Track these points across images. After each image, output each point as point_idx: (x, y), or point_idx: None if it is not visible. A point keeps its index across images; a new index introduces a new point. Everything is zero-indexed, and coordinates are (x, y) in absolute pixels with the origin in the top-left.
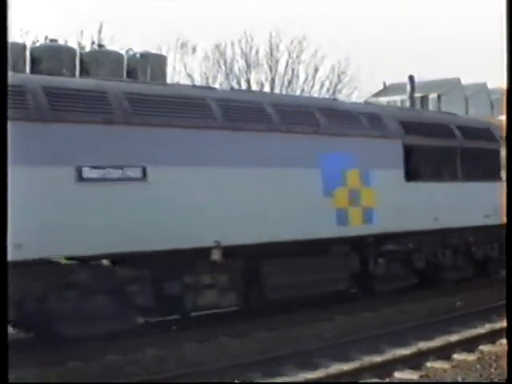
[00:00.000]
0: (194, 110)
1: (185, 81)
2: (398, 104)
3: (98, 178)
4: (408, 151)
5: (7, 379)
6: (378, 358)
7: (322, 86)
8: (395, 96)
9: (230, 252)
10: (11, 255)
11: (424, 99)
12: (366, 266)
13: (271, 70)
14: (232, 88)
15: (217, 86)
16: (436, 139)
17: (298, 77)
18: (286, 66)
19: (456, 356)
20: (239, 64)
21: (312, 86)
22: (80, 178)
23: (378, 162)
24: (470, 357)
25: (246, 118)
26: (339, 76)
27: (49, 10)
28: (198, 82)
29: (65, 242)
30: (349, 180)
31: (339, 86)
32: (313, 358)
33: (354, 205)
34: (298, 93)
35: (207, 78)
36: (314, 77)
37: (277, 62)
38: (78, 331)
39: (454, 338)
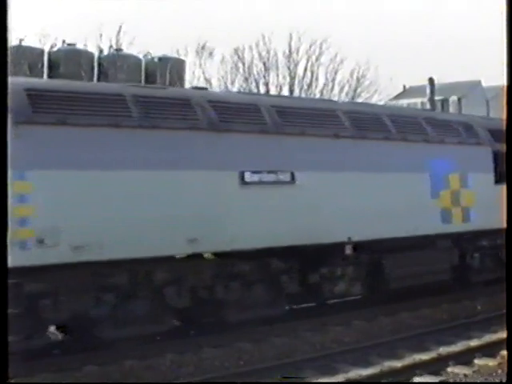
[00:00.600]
0: (328, 121)
1: (203, 85)
2: (418, 107)
3: (257, 181)
4: (496, 157)
5: (7, 379)
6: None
7: (341, 89)
8: (415, 99)
9: (358, 247)
10: (185, 249)
11: (444, 102)
12: (464, 259)
13: (290, 73)
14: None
15: (235, 89)
16: None
17: (317, 80)
18: (305, 69)
19: (477, 361)
20: (257, 67)
21: (331, 90)
22: (242, 181)
23: (472, 167)
24: (491, 362)
25: (368, 127)
26: (359, 80)
27: (68, 12)
28: (216, 86)
29: (229, 238)
30: (451, 183)
31: (358, 90)
32: (333, 363)
33: (455, 205)
34: (317, 96)
35: (225, 83)
36: (333, 80)
37: (296, 64)
38: (240, 316)
39: (474, 342)
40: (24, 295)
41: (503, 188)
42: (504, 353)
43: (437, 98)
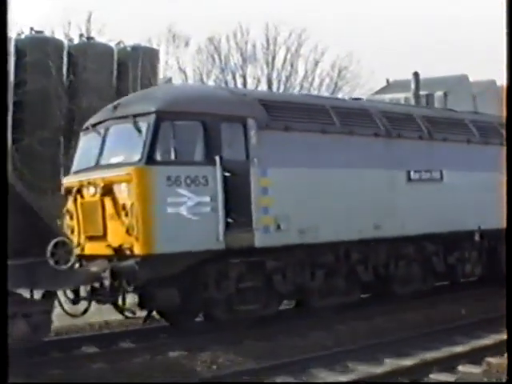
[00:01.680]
0: (462, 130)
1: (177, 76)
2: (402, 102)
3: (419, 178)
4: None
5: (7, 379)
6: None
7: (321, 82)
8: (399, 93)
9: (483, 234)
10: (373, 233)
11: (429, 97)
12: None
13: (268, 65)
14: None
15: (211, 81)
16: None
17: (296, 72)
18: (284, 60)
19: (461, 368)
20: (234, 58)
21: (311, 83)
22: (409, 179)
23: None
24: (476, 369)
25: (487, 134)
26: (340, 72)
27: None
28: (191, 77)
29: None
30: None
31: (340, 83)
32: (307, 367)
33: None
34: (296, 89)
35: (201, 74)
36: (313, 72)
37: (274, 56)
38: (404, 289)
39: (458, 349)
40: (265, 271)
41: None
42: (489, 360)
43: (422, 92)
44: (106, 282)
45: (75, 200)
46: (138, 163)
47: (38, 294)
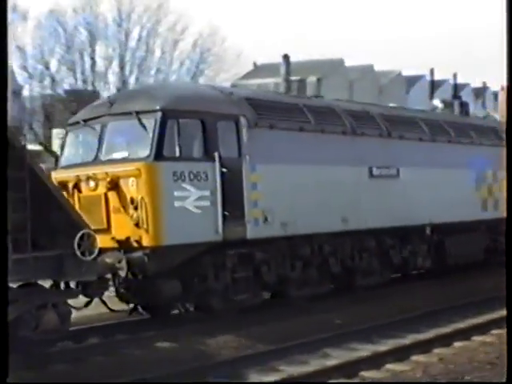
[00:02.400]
0: (417, 128)
1: (15, 55)
2: (271, 88)
3: (379, 175)
4: None
5: (7, 379)
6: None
7: (181, 64)
8: (268, 78)
9: (433, 229)
10: (339, 227)
11: (301, 83)
12: (494, 243)
13: (120, 45)
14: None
15: (55, 61)
16: None
17: (153, 53)
18: (139, 39)
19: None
20: (82, 36)
21: (170, 65)
22: (371, 175)
23: (499, 165)
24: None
25: (447, 133)
26: (202, 54)
27: None
28: (31, 55)
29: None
30: (487, 178)
31: (202, 66)
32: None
33: (489, 196)
34: (153, 72)
35: (42, 52)
36: (172, 54)
37: (127, 34)
38: (365, 281)
39: (331, 362)
40: (255, 262)
41: None
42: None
43: (293, 78)
44: (122, 273)
45: (72, 194)
46: (146, 159)
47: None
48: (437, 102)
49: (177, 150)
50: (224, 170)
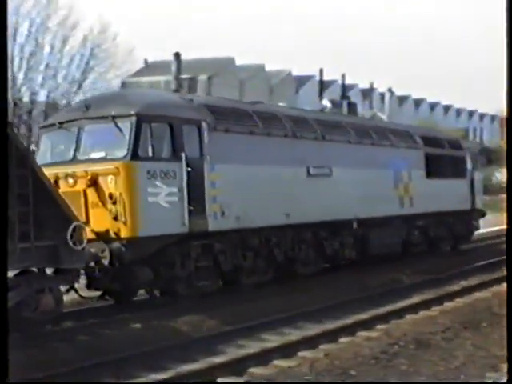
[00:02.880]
0: (344, 132)
1: None
2: (162, 86)
3: (315, 174)
4: (426, 157)
5: (7, 379)
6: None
7: (71, 60)
8: (158, 76)
9: (359, 223)
10: (285, 221)
11: (192, 81)
12: (408, 236)
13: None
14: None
15: None
16: (442, 149)
17: (42, 48)
18: (28, 34)
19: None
20: None
21: (60, 61)
22: (308, 174)
23: (413, 165)
24: (238, 379)
25: (367, 136)
26: (92, 50)
27: None
28: None
29: (297, 212)
30: (404, 177)
31: (92, 63)
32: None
33: (405, 194)
34: (42, 67)
35: None
36: (61, 50)
37: (16, 29)
38: (308, 269)
39: (219, 359)
40: (214, 252)
41: (433, 181)
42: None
43: (184, 76)
44: (106, 261)
45: None
46: (123, 158)
47: (49, 271)
48: (326, 102)
49: (149, 150)
50: (189, 169)
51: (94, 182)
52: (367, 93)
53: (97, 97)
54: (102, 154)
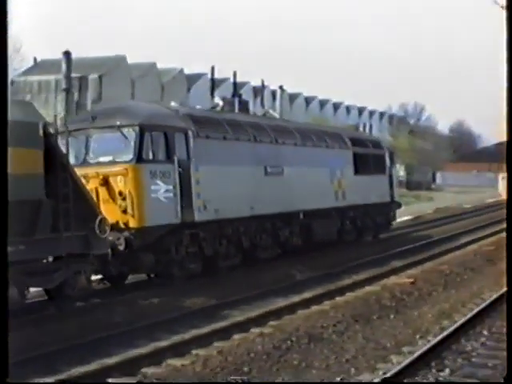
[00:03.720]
0: (293, 136)
1: None
2: (52, 85)
3: (271, 172)
4: (354, 156)
5: (7, 379)
6: None
7: None
8: (48, 75)
9: (304, 214)
10: (250, 212)
11: (83, 80)
12: (342, 226)
13: None
14: None
15: None
16: (367, 149)
17: None
18: None
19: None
20: None
21: None
22: (266, 172)
23: (343, 163)
24: (131, 380)
25: (311, 139)
26: None
27: None
28: None
29: (259, 206)
30: (338, 173)
31: None
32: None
33: (339, 188)
34: None
35: None
36: None
37: None
38: (266, 253)
39: (111, 360)
40: (198, 240)
41: (359, 177)
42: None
43: (74, 75)
44: (121, 247)
45: None
46: (131, 161)
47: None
48: (217, 100)
49: (150, 154)
50: (180, 169)
51: (105, 182)
52: (259, 90)
53: (101, 109)
54: (109, 158)
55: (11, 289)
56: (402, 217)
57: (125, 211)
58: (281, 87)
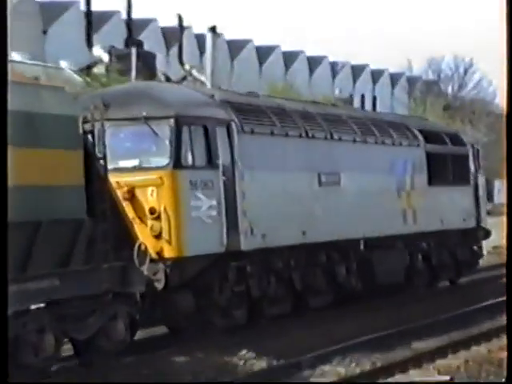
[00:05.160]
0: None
1: None
2: None
3: (325, 182)
4: (428, 158)
5: (7, 379)
6: None
7: None
8: None
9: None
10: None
11: None
12: (411, 262)
13: None
14: None
15: None
16: (442, 146)
17: None
18: None
19: None
20: None
21: None
22: (320, 182)
23: (414, 168)
24: None
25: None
26: None
27: None
28: None
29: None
30: (407, 184)
31: None
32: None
33: (408, 206)
34: None
35: None
36: None
37: None
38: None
39: None
40: (245, 276)
41: (435, 189)
42: None
43: None
44: (160, 285)
45: None
46: (166, 167)
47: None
48: (98, 51)
49: (189, 157)
50: (224, 178)
51: (130, 195)
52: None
53: (113, 93)
54: (134, 163)
55: (47, 336)
56: None
57: (158, 235)
58: (213, 29)
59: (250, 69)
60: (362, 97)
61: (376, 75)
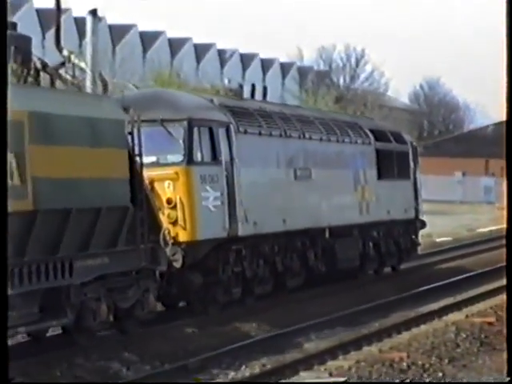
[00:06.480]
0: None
1: None
2: None
3: (300, 176)
4: (377, 154)
5: (7, 379)
6: None
7: None
8: None
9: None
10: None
11: None
12: (364, 250)
13: None
14: None
15: None
16: (388, 144)
17: None
18: None
19: None
20: None
21: None
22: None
23: (366, 164)
24: None
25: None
26: None
27: None
28: None
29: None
30: (361, 178)
31: None
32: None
33: (362, 199)
34: None
35: None
36: None
37: None
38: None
39: None
40: (241, 258)
41: (383, 183)
42: None
43: None
44: (177, 264)
45: None
46: (181, 163)
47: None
48: None
49: (199, 155)
50: (225, 172)
51: (151, 188)
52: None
53: (132, 98)
54: (152, 159)
55: (102, 305)
56: None
57: (174, 222)
58: (93, 12)
59: (133, 55)
60: (253, 86)
61: (266, 64)
